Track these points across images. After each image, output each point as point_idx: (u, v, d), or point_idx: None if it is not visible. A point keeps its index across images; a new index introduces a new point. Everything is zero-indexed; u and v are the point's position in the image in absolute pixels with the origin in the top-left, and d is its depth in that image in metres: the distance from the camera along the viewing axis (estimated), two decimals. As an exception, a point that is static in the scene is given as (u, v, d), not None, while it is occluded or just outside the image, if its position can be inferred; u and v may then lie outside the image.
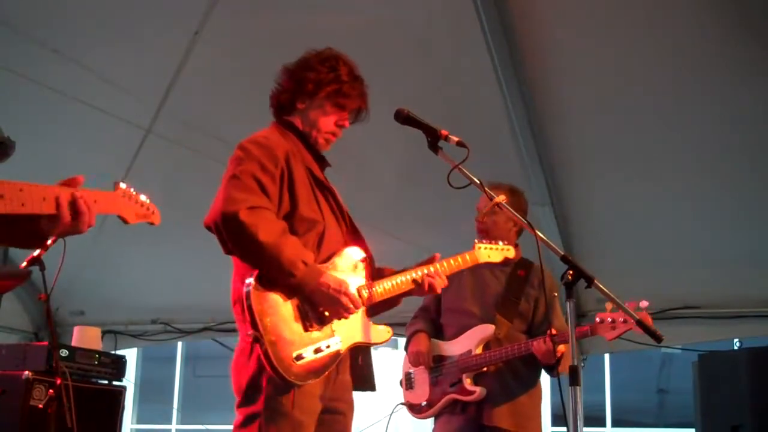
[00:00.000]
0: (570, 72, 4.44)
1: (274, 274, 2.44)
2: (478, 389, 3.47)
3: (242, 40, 4.49)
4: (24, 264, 3.80)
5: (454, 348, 3.60)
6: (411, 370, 3.73)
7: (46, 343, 4.42)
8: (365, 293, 2.65)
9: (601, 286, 2.50)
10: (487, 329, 3.53)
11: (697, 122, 4.43)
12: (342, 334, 2.56)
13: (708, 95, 4.29)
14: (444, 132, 2.60)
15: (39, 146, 4.53)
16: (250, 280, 2.43)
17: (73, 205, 1.90)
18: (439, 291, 2.81)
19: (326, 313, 2.52)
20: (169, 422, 10.52)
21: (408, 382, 3.74)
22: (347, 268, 2.65)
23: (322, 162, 2.79)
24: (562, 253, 2.48)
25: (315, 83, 2.67)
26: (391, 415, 3.84)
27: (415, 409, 3.68)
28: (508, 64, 4.27)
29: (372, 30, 4.35)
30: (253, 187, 2.46)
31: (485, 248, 3.14)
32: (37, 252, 3.72)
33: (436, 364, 3.62)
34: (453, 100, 4.58)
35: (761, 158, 4.48)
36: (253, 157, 2.51)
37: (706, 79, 4.23)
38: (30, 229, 1.95)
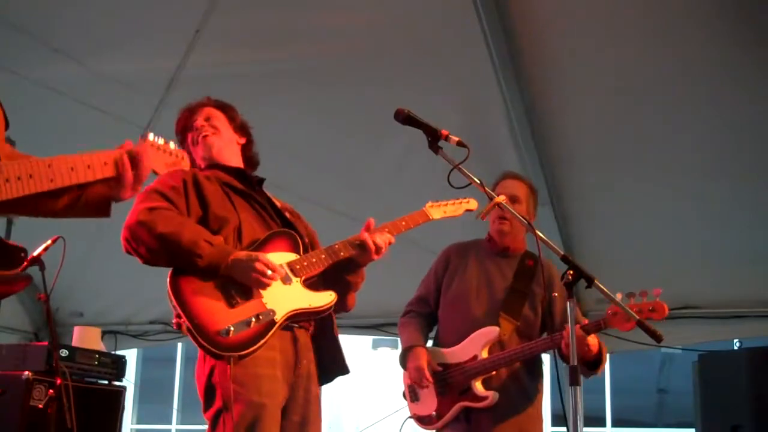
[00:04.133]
0: (570, 71, 4.43)
1: (182, 261, 2.49)
2: (490, 394, 3.33)
3: (243, 40, 4.49)
4: (23, 265, 3.79)
5: (458, 354, 3.44)
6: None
7: (46, 343, 4.41)
8: (299, 266, 2.64)
9: (601, 286, 2.50)
10: (491, 332, 3.38)
11: (697, 122, 4.43)
12: (275, 305, 2.55)
13: (708, 95, 4.28)
14: (444, 132, 2.60)
15: (39, 146, 4.50)
16: (169, 273, 2.51)
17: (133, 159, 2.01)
18: (383, 247, 2.76)
19: (247, 285, 2.52)
20: (169, 422, 10.52)
21: (413, 395, 3.56)
22: (273, 248, 2.66)
23: (248, 179, 2.89)
24: (562, 253, 2.48)
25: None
26: (401, 427, 3.73)
27: (425, 421, 3.52)
28: (508, 64, 4.27)
29: (372, 30, 4.35)
30: (155, 197, 2.61)
31: (439, 205, 3.04)
32: (36, 252, 3.73)
33: (441, 373, 3.45)
34: (453, 100, 4.58)
35: (761, 158, 4.47)
36: (155, 185, 2.68)
37: (706, 78, 4.23)
38: (98, 196, 1.98)
